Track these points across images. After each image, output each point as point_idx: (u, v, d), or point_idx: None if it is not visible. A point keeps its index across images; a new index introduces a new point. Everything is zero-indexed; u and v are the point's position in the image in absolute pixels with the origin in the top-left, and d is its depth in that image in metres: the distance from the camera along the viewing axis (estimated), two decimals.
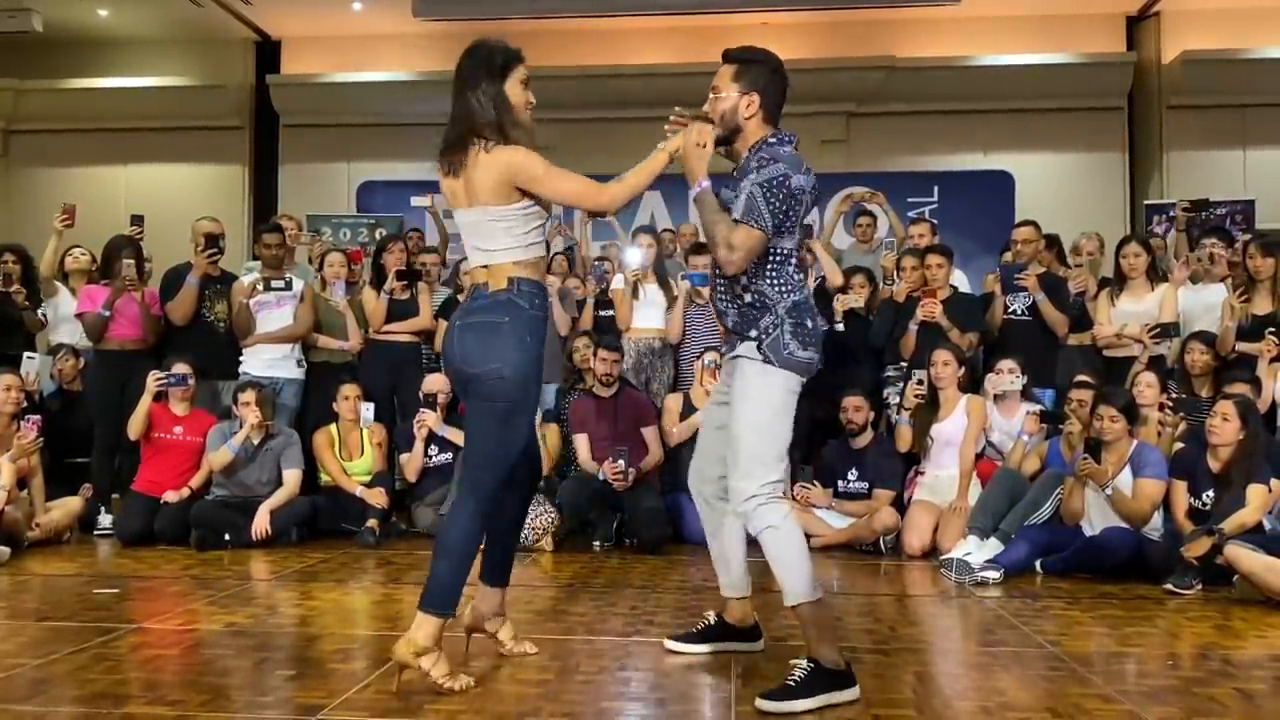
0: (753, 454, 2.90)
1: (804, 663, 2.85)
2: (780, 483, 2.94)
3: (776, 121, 3.05)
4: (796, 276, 2.99)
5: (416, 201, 7.67)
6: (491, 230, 2.98)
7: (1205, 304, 5.95)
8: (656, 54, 9.88)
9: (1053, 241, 6.82)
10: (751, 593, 3.35)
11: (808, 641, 2.89)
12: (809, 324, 2.98)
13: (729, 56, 3.05)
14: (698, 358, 5.96)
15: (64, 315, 6.43)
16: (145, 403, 5.61)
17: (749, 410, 2.93)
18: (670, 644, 3.36)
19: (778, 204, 2.87)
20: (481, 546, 3.09)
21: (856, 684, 2.85)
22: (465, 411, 3.06)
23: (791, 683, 2.80)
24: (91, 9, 9.76)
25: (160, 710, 2.70)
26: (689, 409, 5.83)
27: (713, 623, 3.36)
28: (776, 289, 2.96)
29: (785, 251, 2.96)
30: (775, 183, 2.87)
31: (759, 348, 2.93)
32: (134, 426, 5.62)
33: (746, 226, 2.87)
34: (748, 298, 2.97)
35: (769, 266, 2.95)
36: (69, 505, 5.66)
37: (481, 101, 2.96)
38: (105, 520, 5.81)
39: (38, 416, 5.47)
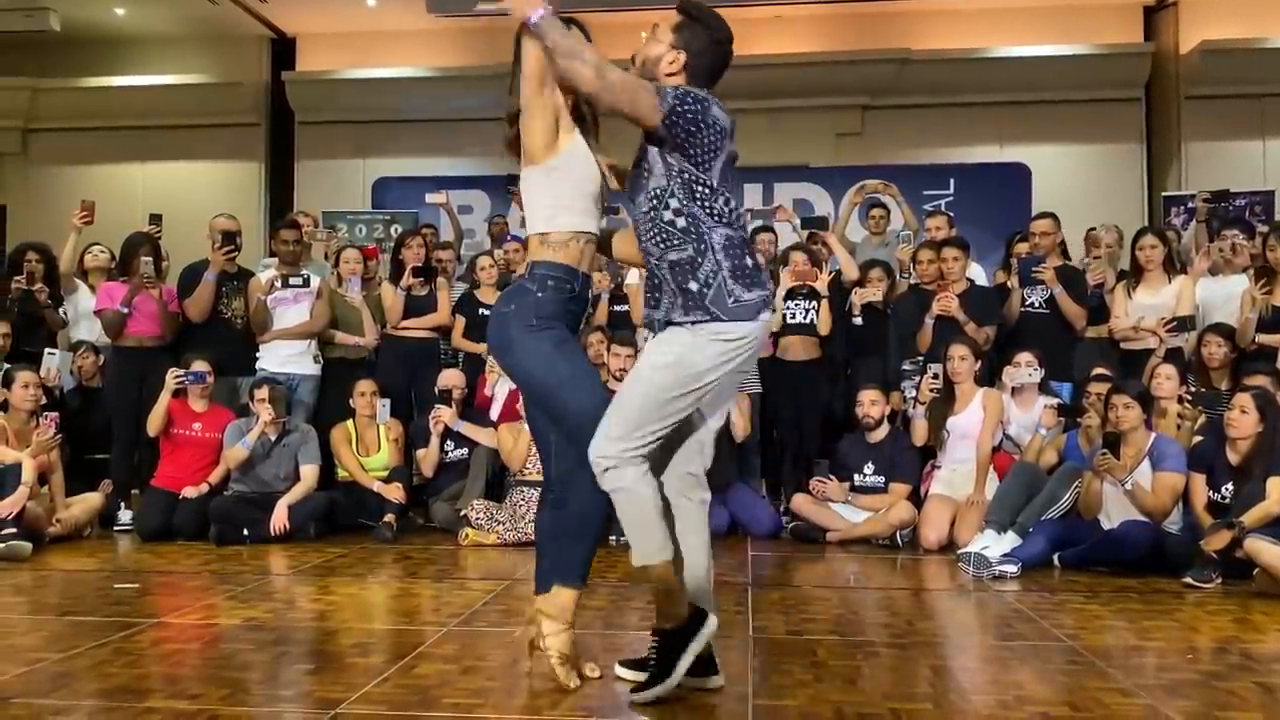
0: (629, 418, 2.69)
1: (650, 641, 2.79)
2: (642, 447, 2.70)
3: (706, 86, 2.83)
4: (728, 209, 2.76)
5: (431, 198, 7.68)
6: (525, 193, 2.95)
7: (1226, 294, 5.90)
8: None
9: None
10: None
11: (657, 604, 2.79)
12: (749, 262, 2.76)
13: (680, 6, 2.86)
14: None
15: (83, 312, 6.47)
16: (164, 399, 5.64)
17: (651, 372, 2.73)
18: (621, 670, 3.01)
19: (688, 107, 2.68)
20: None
21: (710, 615, 2.77)
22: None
23: (651, 670, 2.74)
24: (108, 8, 9.80)
25: (180, 704, 2.72)
26: None
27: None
28: (709, 214, 2.73)
29: (711, 185, 2.73)
30: (693, 95, 2.71)
31: (700, 306, 2.69)
32: (153, 423, 5.65)
33: (639, 79, 2.72)
34: (680, 222, 2.73)
35: (697, 192, 2.73)
36: (89, 501, 5.70)
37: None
38: (125, 516, 5.85)
39: (55, 414, 5.51)
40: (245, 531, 5.41)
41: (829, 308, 6.09)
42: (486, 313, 6.47)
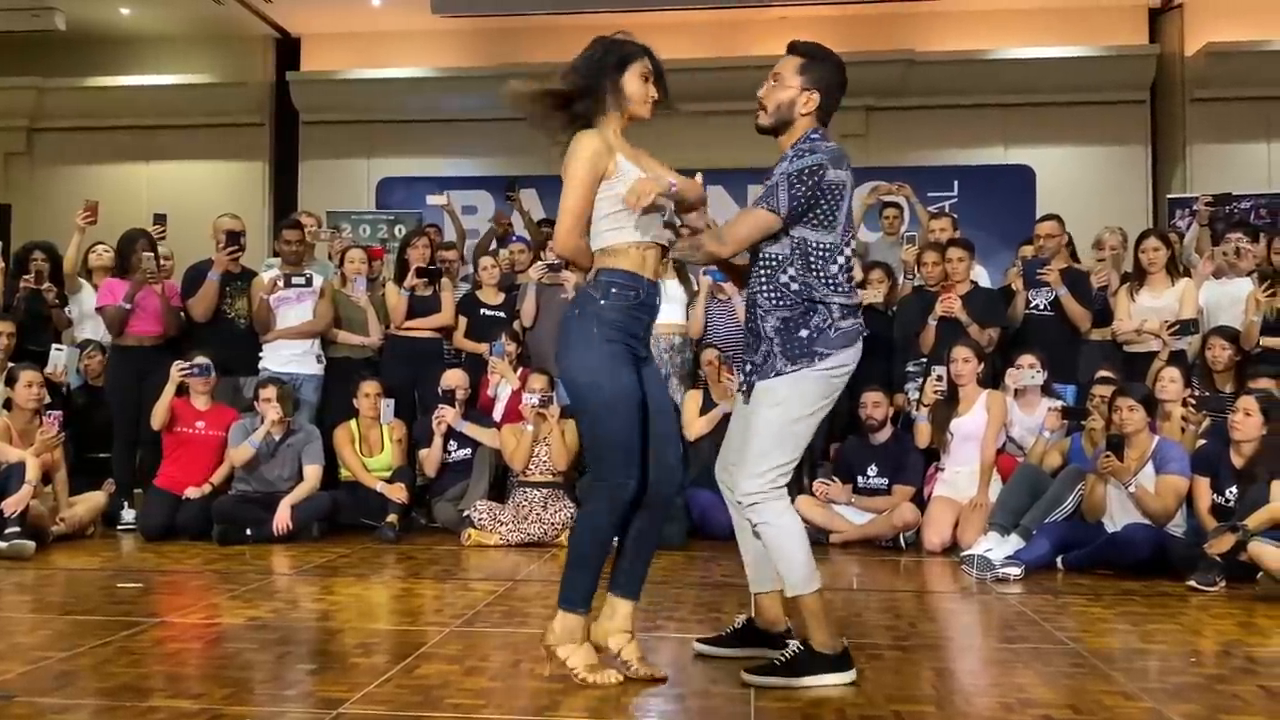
0: (762, 453, 2.89)
1: (794, 645, 2.95)
2: (783, 477, 2.92)
3: (826, 122, 3.02)
4: (843, 278, 2.93)
5: (431, 200, 7.69)
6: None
7: (1231, 297, 5.90)
8: (674, 49, 9.69)
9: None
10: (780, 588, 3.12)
11: (804, 629, 2.95)
12: (855, 317, 2.97)
13: (797, 49, 3.02)
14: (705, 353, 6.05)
15: (88, 311, 6.48)
16: (169, 393, 5.65)
17: (772, 413, 2.89)
18: (699, 646, 3.27)
19: (802, 191, 2.84)
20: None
21: (854, 668, 2.91)
22: None
23: (777, 661, 2.91)
24: (114, 7, 9.81)
25: (183, 703, 2.72)
26: (709, 404, 5.83)
27: (740, 626, 3.24)
28: (824, 285, 2.89)
29: (826, 246, 2.90)
30: (806, 171, 2.85)
31: (803, 354, 2.87)
32: (157, 416, 5.65)
33: (752, 210, 2.88)
34: (795, 286, 2.89)
35: (811, 261, 2.89)
36: (92, 500, 5.71)
37: (582, 86, 2.91)
38: (128, 515, 5.85)
39: (59, 412, 5.50)
40: (248, 531, 5.42)
41: None
42: (488, 313, 6.50)
